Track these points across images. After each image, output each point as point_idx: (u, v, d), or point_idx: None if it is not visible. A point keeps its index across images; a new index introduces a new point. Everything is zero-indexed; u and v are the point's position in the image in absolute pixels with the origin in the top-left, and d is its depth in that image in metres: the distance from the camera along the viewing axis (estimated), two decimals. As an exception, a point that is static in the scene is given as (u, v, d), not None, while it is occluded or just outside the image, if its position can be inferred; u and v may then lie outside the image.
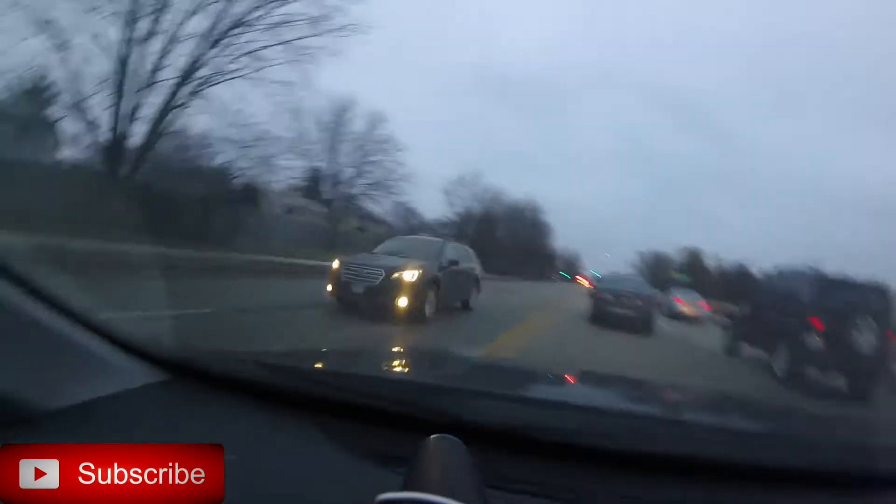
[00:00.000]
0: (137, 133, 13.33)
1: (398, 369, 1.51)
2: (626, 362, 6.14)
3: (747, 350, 8.58)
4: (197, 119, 15.16)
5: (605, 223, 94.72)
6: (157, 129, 13.57)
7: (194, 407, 0.95)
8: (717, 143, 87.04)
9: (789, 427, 1.40)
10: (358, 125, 27.30)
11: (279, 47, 14.22)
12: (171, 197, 13.33)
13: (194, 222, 12.98)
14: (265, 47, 14.13)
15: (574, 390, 1.59)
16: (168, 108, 13.47)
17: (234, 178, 17.65)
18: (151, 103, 13.26)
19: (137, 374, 0.94)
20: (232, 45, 13.90)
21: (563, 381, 1.68)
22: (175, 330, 3.38)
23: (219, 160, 17.04)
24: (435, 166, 67.36)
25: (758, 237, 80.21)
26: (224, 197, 16.17)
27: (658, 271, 57.07)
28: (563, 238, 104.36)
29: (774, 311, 7.90)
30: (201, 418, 0.92)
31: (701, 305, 18.78)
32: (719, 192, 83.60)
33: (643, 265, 61.96)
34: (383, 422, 0.88)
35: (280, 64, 14.30)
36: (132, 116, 12.99)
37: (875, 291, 7.23)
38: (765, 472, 0.86)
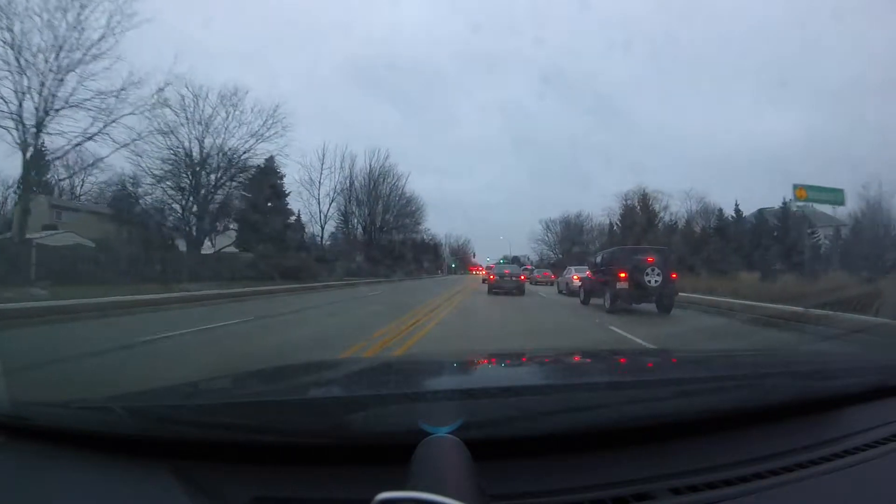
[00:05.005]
0: None
1: (267, 390, 1.30)
2: (520, 311, 9.95)
3: (593, 300, 13.04)
4: None
5: (500, 206, 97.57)
6: None
7: (33, 473, 0.82)
8: (599, 116, 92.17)
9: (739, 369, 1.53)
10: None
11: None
12: None
13: None
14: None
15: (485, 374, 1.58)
16: None
17: None
18: None
19: None
20: None
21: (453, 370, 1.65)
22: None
23: None
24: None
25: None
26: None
27: (574, 230, 51.57)
28: (454, 227, 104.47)
29: (601, 274, 12.36)
30: (40, 486, 0.78)
31: (589, 276, 22.16)
32: (606, 161, 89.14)
33: (550, 233, 56.37)
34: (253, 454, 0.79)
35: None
36: None
37: (659, 252, 11.98)
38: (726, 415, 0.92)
